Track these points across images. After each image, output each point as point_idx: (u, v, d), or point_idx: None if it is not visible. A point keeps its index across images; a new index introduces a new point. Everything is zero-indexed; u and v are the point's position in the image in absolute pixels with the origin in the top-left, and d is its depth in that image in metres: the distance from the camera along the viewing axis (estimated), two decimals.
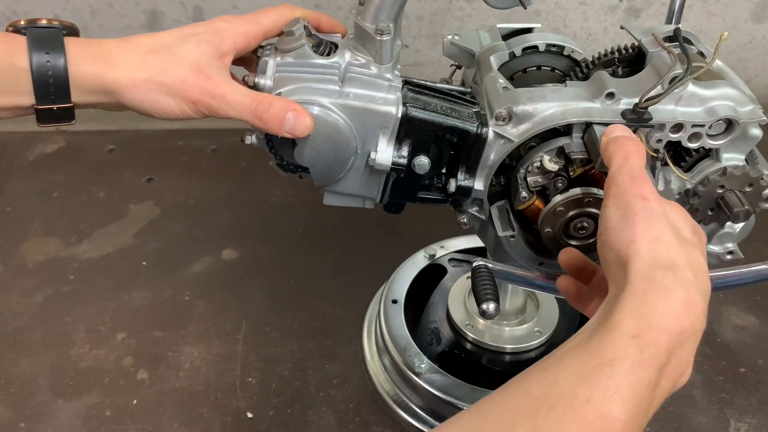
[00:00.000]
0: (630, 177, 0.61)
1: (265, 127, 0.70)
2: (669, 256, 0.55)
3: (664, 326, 0.52)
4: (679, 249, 0.56)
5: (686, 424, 0.96)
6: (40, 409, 0.96)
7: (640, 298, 0.53)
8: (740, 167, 0.74)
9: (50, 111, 0.67)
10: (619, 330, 0.52)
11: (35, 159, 1.46)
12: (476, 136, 0.74)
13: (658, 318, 0.52)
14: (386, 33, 0.71)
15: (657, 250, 0.56)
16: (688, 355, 0.54)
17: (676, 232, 0.58)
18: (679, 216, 0.60)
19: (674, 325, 0.52)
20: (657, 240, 0.56)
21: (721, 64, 0.77)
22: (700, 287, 0.55)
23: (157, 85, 0.68)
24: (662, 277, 0.54)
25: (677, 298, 0.53)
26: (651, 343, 0.51)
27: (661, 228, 0.57)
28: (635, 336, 0.51)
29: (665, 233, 0.57)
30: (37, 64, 0.65)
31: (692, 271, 0.55)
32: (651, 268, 0.54)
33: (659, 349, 0.51)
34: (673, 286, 0.54)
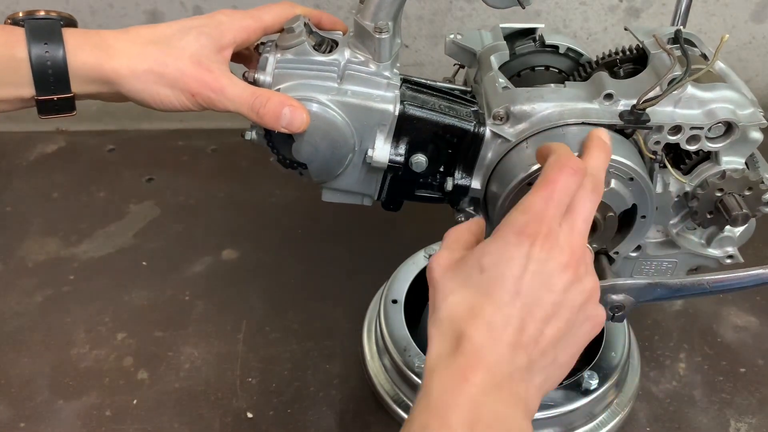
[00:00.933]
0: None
1: (262, 121, 0.70)
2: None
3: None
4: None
5: (686, 424, 0.95)
6: (40, 409, 0.96)
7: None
8: (740, 170, 0.74)
9: (51, 102, 0.68)
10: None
11: (35, 159, 1.46)
12: (473, 135, 0.74)
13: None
14: (385, 31, 0.71)
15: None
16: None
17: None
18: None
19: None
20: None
21: (723, 66, 0.77)
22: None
23: (157, 76, 0.69)
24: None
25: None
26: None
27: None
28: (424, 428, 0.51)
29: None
30: (36, 55, 0.65)
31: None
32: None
33: None
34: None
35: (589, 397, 0.90)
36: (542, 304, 0.55)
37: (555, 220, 0.57)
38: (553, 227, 0.57)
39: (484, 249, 0.57)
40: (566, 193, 0.58)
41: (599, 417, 0.92)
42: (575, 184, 0.59)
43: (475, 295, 0.55)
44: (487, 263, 0.56)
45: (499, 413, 0.52)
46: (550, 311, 0.56)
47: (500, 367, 0.53)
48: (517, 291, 0.55)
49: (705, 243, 0.83)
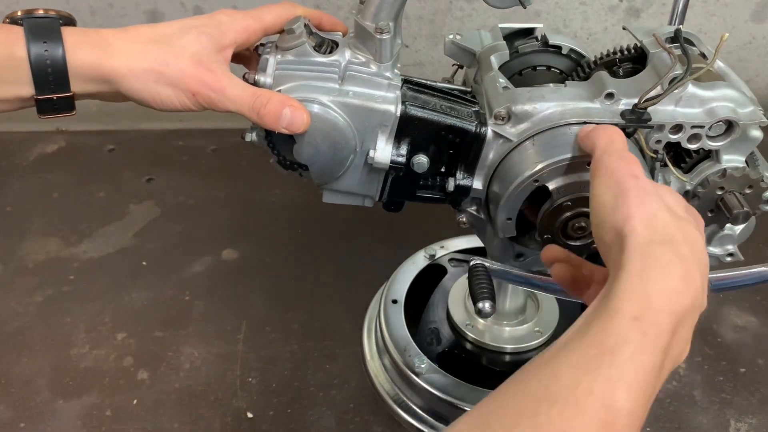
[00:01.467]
0: (618, 157, 0.60)
1: (263, 122, 0.70)
2: (666, 232, 0.54)
3: (664, 305, 0.51)
4: (675, 225, 0.55)
5: (686, 424, 0.95)
6: (40, 409, 0.96)
7: (638, 277, 0.52)
8: (740, 169, 0.74)
9: (50, 101, 0.68)
10: (619, 314, 0.50)
11: (35, 159, 1.46)
12: (475, 135, 0.74)
13: (657, 297, 0.51)
14: (386, 32, 0.71)
15: (653, 227, 0.54)
16: (687, 332, 0.53)
17: (670, 209, 0.56)
18: (671, 195, 0.59)
19: (675, 304, 0.51)
20: (653, 216, 0.55)
21: (722, 65, 0.77)
22: (698, 262, 0.54)
23: (157, 75, 0.69)
24: (660, 254, 0.52)
25: (676, 275, 0.52)
26: (653, 324, 0.50)
27: (655, 205, 0.55)
28: (636, 318, 0.50)
29: (660, 210, 0.55)
30: (35, 54, 0.65)
31: (689, 247, 0.54)
32: (648, 245, 0.53)
33: (661, 329, 0.50)
34: (671, 261, 0.52)
35: None
36: None
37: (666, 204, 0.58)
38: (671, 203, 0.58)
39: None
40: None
41: None
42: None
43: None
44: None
45: (688, 334, 0.54)
46: None
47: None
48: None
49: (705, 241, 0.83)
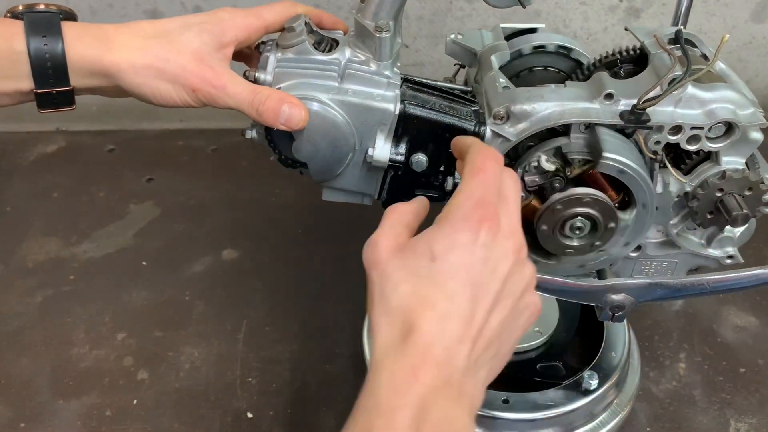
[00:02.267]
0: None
1: (261, 119, 0.70)
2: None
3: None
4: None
5: (686, 424, 0.95)
6: (40, 409, 0.96)
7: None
8: (740, 171, 0.74)
9: (49, 95, 0.68)
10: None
11: (35, 159, 1.46)
12: (474, 134, 0.74)
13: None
14: (386, 30, 0.71)
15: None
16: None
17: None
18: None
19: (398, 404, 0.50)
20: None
21: (723, 66, 0.77)
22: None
23: (157, 71, 0.69)
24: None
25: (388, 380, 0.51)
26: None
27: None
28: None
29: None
30: (34, 48, 0.65)
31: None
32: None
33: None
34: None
35: (589, 397, 0.90)
36: (488, 292, 0.54)
37: (496, 204, 0.56)
38: (495, 212, 0.56)
39: (433, 236, 0.55)
40: (497, 178, 0.58)
41: (599, 417, 0.92)
42: (500, 170, 0.59)
43: (427, 285, 0.53)
44: (437, 251, 0.54)
45: (446, 413, 0.51)
46: (495, 300, 0.55)
47: (450, 363, 0.52)
48: (467, 280, 0.53)
49: (705, 243, 0.83)
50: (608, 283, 0.78)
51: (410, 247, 0.56)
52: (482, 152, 0.59)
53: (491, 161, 0.58)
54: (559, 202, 0.73)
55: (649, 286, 0.77)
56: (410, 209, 0.61)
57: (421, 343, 0.52)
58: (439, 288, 0.53)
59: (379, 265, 0.56)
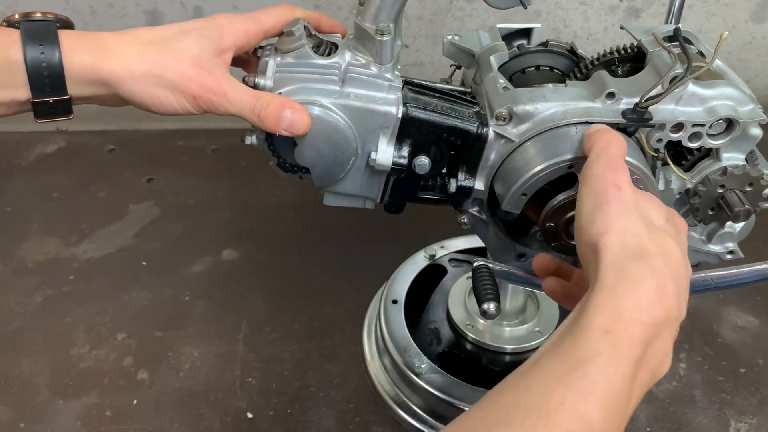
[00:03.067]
0: (607, 164, 0.61)
1: (263, 124, 0.70)
2: (639, 246, 0.55)
3: (635, 318, 0.51)
4: (649, 238, 0.56)
5: (686, 424, 0.95)
6: (40, 409, 0.96)
7: (611, 291, 0.53)
8: (740, 167, 0.74)
9: (47, 104, 0.67)
10: (590, 327, 0.51)
11: (35, 159, 1.46)
12: (477, 136, 0.74)
13: (628, 310, 0.52)
14: (386, 33, 0.71)
15: (626, 242, 0.55)
16: (665, 344, 0.54)
17: (648, 222, 0.57)
18: (651, 205, 0.59)
19: (647, 316, 0.52)
20: (627, 231, 0.55)
21: (720, 63, 0.77)
22: (673, 275, 0.55)
23: (156, 78, 0.68)
24: (632, 269, 0.53)
25: (648, 288, 0.53)
26: (623, 337, 0.50)
27: (631, 218, 0.56)
28: (607, 331, 0.51)
29: (635, 223, 0.56)
30: (31, 57, 0.65)
31: (663, 259, 0.55)
32: (620, 260, 0.54)
33: (633, 341, 0.51)
34: (643, 276, 0.53)
35: None
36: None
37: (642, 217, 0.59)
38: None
39: None
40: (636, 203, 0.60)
41: None
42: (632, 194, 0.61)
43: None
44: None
45: (664, 346, 0.54)
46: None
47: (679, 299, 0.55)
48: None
49: (706, 239, 0.84)
50: None
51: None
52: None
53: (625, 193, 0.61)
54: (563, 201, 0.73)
55: None
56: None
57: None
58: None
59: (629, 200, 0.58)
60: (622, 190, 0.58)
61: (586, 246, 0.58)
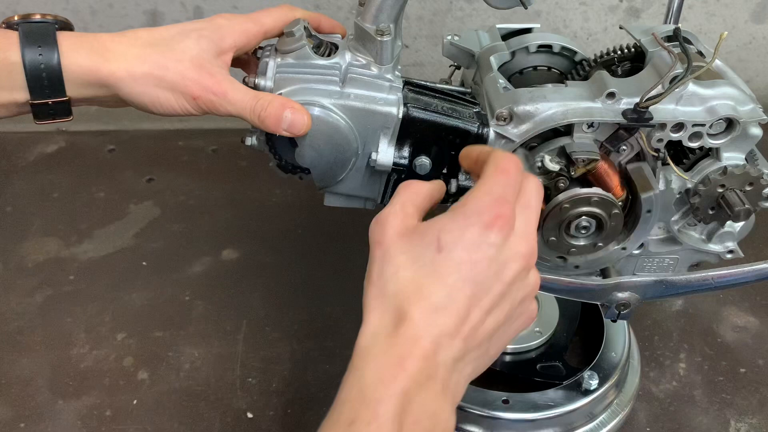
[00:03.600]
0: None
1: (264, 125, 0.70)
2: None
3: (380, 395, 0.50)
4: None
5: (686, 424, 0.95)
6: (40, 409, 0.96)
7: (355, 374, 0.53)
8: (741, 166, 0.75)
9: (46, 106, 0.67)
10: (338, 421, 0.52)
11: (35, 159, 1.46)
12: (477, 136, 0.74)
13: (372, 388, 0.51)
14: (387, 34, 0.71)
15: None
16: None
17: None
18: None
19: (391, 388, 0.50)
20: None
21: (720, 63, 0.77)
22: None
23: (156, 79, 0.68)
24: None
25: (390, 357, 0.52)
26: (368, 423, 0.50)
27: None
28: (351, 423, 0.50)
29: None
30: (29, 58, 0.65)
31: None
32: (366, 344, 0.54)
33: (382, 421, 0.50)
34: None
35: (589, 398, 0.90)
36: (489, 293, 0.54)
37: (513, 205, 0.56)
38: (512, 212, 0.55)
39: (444, 225, 0.55)
40: (518, 180, 0.58)
41: (599, 417, 0.92)
42: (523, 174, 0.59)
43: (428, 274, 0.53)
44: (445, 242, 0.54)
45: (428, 406, 0.51)
46: (494, 302, 0.55)
47: (437, 355, 0.52)
48: (470, 277, 0.53)
49: (706, 239, 0.84)
50: (614, 282, 0.78)
51: (418, 232, 0.56)
52: (507, 156, 0.59)
53: (514, 164, 0.58)
54: (564, 202, 0.73)
55: (655, 284, 0.78)
56: (425, 190, 0.61)
57: (411, 334, 0.52)
58: (440, 280, 0.53)
59: (383, 245, 0.56)
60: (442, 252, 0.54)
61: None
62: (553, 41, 0.82)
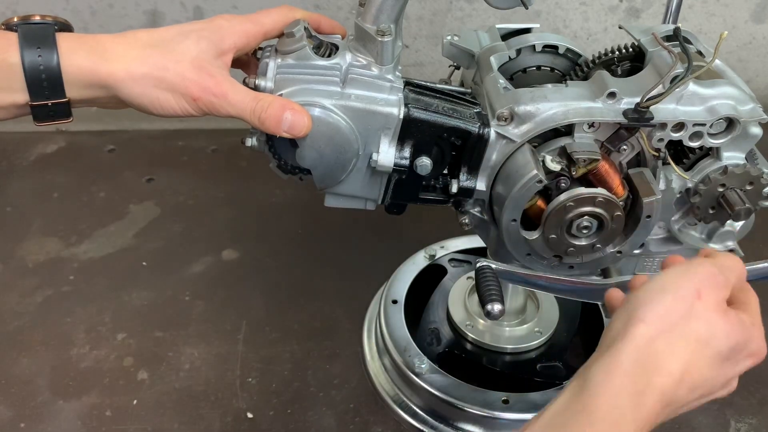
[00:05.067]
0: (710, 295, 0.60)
1: (264, 126, 0.70)
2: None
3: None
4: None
5: (686, 424, 0.95)
6: (40, 409, 0.96)
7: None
8: (741, 166, 0.75)
9: (45, 107, 0.67)
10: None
11: (35, 159, 1.46)
12: (478, 136, 0.74)
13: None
14: (387, 34, 0.71)
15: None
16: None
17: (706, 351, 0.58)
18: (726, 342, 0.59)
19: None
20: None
21: (719, 62, 0.77)
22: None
23: (156, 80, 0.68)
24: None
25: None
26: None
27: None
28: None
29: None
30: (28, 60, 0.65)
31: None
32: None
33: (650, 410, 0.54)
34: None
35: None
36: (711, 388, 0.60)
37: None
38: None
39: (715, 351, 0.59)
40: None
41: None
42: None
43: (687, 369, 0.57)
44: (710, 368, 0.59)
45: None
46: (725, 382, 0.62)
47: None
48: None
49: (706, 238, 0.84)
50: (616, 281, 0.78)
51: (713, 337, 0.59)
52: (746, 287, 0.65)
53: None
54: (569, 201, 0.73)
55: None
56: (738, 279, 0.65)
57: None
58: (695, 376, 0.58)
59: (695, 317, 0.59)
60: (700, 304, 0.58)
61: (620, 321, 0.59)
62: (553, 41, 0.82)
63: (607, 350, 0.57)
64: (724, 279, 0.61)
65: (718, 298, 0.59)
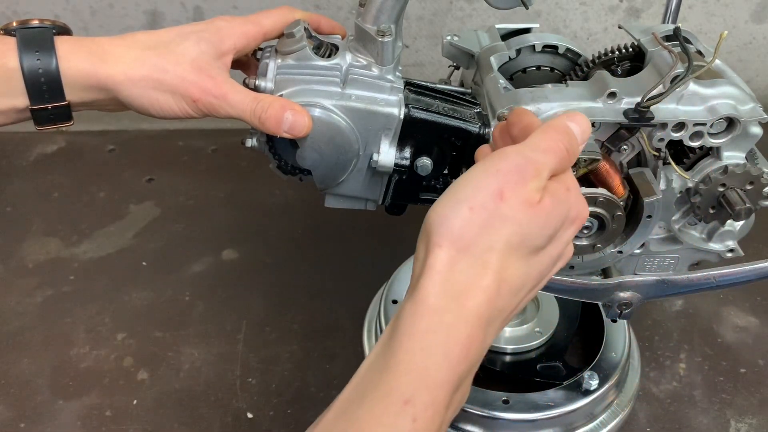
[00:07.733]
0: (518, 164, 0.54)
1: (264, 127, 0.70)
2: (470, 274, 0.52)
3: (443, 380, 0.50)
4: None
5: (686, 425, 0.95)
6: (40, 409, 0.96)
7: (420, 344, 0.51)
8: (741, 165, 0.75)
9: (45, 111, 0.67)
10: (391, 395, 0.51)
11: (35, 159, 1.46)
12: (479, 136, 0.74)
13: (435, 372, 0.51)
14: (388, 34, 0.71)
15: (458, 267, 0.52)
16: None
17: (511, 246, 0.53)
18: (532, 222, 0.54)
19: (453, 375, 0.51)
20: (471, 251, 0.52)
21: (719, 62, 0.78)
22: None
23: (156, 82, 0.68)
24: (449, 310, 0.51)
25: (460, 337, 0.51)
26: (427, 407, 0.50)
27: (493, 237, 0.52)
28: (407, 401, 0.50)
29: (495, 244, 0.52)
30: (27, 64, 0.65)
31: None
32: (440, 296, 0.51)
33: (437, 408, 0.50)
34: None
35: (589, 398, 0.90)
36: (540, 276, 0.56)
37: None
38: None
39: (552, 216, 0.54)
40: None
41: (599, 417, 0.92)
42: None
43: (503, 278, 0.53)
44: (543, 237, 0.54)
45: (468, 388, 0.55)
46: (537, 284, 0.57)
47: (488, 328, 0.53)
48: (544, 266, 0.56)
49: (706, 238, 0.84)
50: (617, 281, 0.78)
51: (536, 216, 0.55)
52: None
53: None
54: None
55: (657, 283, 0.78)
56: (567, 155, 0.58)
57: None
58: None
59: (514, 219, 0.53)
60: (504, 200, 0.52)
61: (425, 234, 0.55)
62: (553, 41, 0.82)
63: (413, 289, 0.52)
64: (534, 169, 0.54)
65: (527, 191, 0.53)
